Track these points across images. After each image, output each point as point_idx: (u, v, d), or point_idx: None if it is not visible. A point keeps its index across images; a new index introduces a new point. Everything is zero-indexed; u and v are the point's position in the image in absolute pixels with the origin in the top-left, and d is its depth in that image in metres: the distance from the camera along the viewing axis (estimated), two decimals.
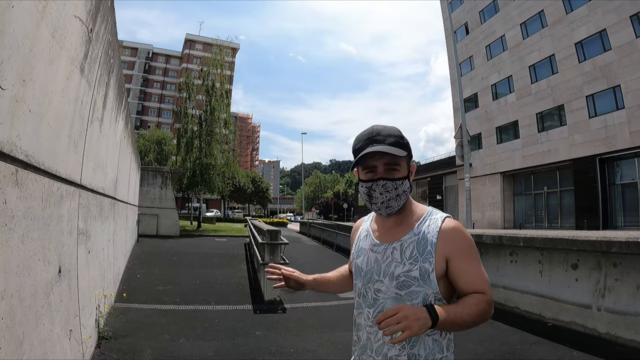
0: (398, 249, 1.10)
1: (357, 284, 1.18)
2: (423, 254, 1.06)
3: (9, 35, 1.17)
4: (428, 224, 1.11)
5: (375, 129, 1.10)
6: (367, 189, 1.10)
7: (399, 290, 1.06)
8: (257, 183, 47.29)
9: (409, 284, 1.05)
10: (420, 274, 1.05)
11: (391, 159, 1.06)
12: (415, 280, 1.05)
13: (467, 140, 11.60)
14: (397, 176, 1.08)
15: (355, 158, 1.09)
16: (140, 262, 8.24)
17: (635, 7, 14.64)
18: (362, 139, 1.09)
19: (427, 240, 1.07)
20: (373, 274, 1.12)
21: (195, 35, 63.72)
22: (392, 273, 1.08)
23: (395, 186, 1.07)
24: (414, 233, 1.10)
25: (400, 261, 1.08)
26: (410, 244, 1.09)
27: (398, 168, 1.08)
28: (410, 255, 1.07)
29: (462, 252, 1.08)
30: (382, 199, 1.08)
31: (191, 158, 20.14)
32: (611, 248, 3.60)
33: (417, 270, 1.05)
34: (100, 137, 3.24)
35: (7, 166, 1.24)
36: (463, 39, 24.73)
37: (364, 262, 1.16)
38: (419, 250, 1.07)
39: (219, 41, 22.55)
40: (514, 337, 3.94)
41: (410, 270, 1.06)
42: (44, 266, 1.71)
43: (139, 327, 3.98)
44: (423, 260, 1.06)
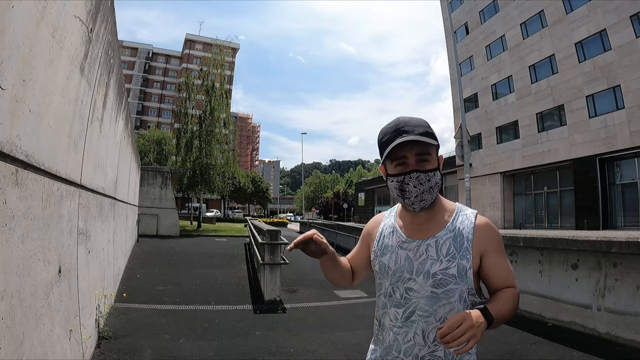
0: (433, 246, 1.06)
1: (384, 284, 1.13)
2: (460, 251, 1.03)
3: (9, 35, 1.17)
4: (461, 220, 1.08)
5: (402, 119, 1.05)
6: (399, 183, 1.04)
7: (435, 288, 1.03)
8: (257, 183, 47.29)
9: (446, 281, 1.02)
10: (458, 271, 1.02)
11: (422, 149, 1.02)
12: (452, 277, 1.02)
13: (467, 140, 11.59)
14: (429, 167, 1.03)
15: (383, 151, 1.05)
16: (140, 262, 8.24)
17: (635, 7, 14.64)
18: (389, 131, 1.04)
19: (463, 236, 1.05)
20: (404, 272, 1.07)
21: (195, 35, 63.74)
22: (428, 271, 1.04)
23: (428, 178, 1.03)
24: (448, 229, 1.07)
25: (436, 258, 1.04)
26: (446, 240, 1.05)
27: (429, 158, 1.03)
28: (447, 252, 1.04)
29: (496, 248, 1.07)
30: (416, 192, 1.03)
31: (191, 158, 20.14)
32: (611, 248, 3.60)
33: (455, 268, 1.02)
34: (100, 137, 3.24)
35: (7, 166, 1.25)
36: (463, 39, 24.73)
37: (392, 260, 1.11)
38: (455, 246, 1.04)
39: (219, 41, 22.56)
40: (514, 337, 3.94)
41: (448, 268, 1.02)
42: (44, 266, 1.71)
43: (139, 327, 3.97)
44: (461, 257, 1.03)
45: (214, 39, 23.33)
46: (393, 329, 1.08)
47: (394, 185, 1.06)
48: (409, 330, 1.05)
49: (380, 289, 1.15)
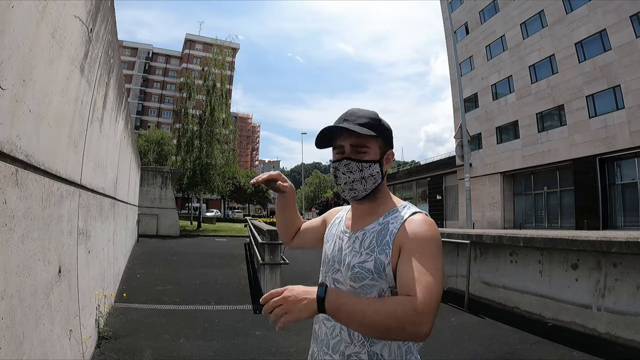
0: (360, 238, 1.03)
1: (322, 271, 1.12)
2: (380, 244, 0.97)
3: (9, 35, 1.17)
4: (395, 216, 1.01)
5: (350, 110, 1.05)
6: (334, 169, 1.05)
7: (353, 282, 0.98)
8: None
9: (362, 276, 0.96)
10: (375, 266, 0.95)
11: (358, 140, 1.00)
12: (369, 272, 0.95)
13: (467, 140, 11.60)
14: (366, 158, 1.01)
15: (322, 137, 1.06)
16: (140, 262, 8.24)
17: (635, 7, 14.63)
18: (337, 119, 1.05)
19: (388, 230, 0.98)
20: (335, 263, 1.06)
21: (195, 35, 63.72)
22: (349, 263, 1.00)
23: (360, 168, 1.00)
24: (378, 223, 1.02)
25: (358, 251, 1.01)
26: (371, 233, 1.01)
27: (366, 150, 1.01)
28: (368, 245, 0.99)
29: (415, 245, 0.91)
30: (345, 179, 1.02)
31: (191, 158, 20.15)
32: (611, 248, 3.60)
33: (372, 262, 0.96)
34: (100, 137, 3.24)
35: (7, 166, 1.24)
36: (463, 39, 24.72)
37: (330, 248, 1.11)
38: (377, 240, 0.98)
39: (219, 41, 22.56)
40: (514, 337, 3.94)
41: (365, 262, 0.97)
42: (44, 266, 1.71)
43: (139, 327, 3.97)
44: (379, 251, 0.96)
45: (214, 39, 23.32)
46: (324, 321, 1.04)
47: (332, 172, 1.06)
48: (335, 324, 1.00)
49: (320, 277, 1.14)
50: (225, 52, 22.88)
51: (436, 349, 3.49)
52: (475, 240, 5.52)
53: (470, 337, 3.90)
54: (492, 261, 5.43)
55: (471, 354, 3.48)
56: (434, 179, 26.83)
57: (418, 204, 29.05)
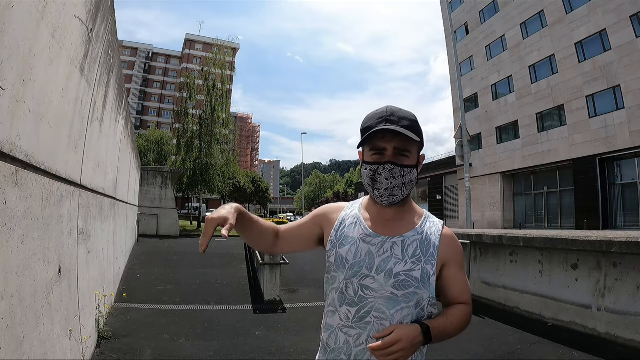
0: (399, 245, 0.99)
1: (338, 277, 1.03)
2: (426, 255, 0.99)
3: (9, 35, 1.17)
4: (429, 225, 1.04)
5: (390, 108, 0.99)
6: (371, 172, 0.98)
7: (395, 290, 0.96)
8: (257, 183, 47.27)
9: (408, 284, 0.96)
10: (422, 276, 0.97)
11: (402, 143, 0.96)
12: (415, 281, 0.96)
13: (467, 140, 11.60)
14: (407, 163, 0.97)
15: (363, 135, 0.99)
16: (140, 262, 8.24)
17: (635, 7, 14.63)
18: (375, 118, 0.99)
19: (430, 241, 1.01)
20: (362, 268, 0.99)
21: (195, 35, 63.73)
22: (391, 270, 0.97)
23: (402, 173, 0.96)
24: (417, 231, 1.02)
25: (401, 258, 0.98)
26: (413, 241, 1.00)
27: (408, 155, 0.98)
28: (413, 254, 0.98)
29: (458, 260, 1.04)
30: (387, 184, 0.97)
31: (191, 158, 20.16)
32: (611, 248, 3.60)
33: (420, 271, 0.97)
34: (100, 137, 3.24)
35: (7, 166, 1.24)
36: (463, 39, 24.72)
37: (351, 252, 1.01)
38: (422, 250, 0.99)
39: (219, 41, 22.57)
40: (514, 337, 3.94)
41: (412, 270, 0.97)
42: (44, 266, 1.71)
43: (139, 327, 3.97)
44: (426, 261, 0.98)
45: (214, 39, 23.32)
46: (343, 329, 0.99)
47: (367, 173, 1.00)
48: (362, 332, 0.96)
49: (332, 283, 1.05)
50: (225, 52, 22.87)
51: (436, 348, 3.48)
52: (475, 240, 5.51)
53: (470, 337, 3.89)
54: (492, 261, 5.43)
55: (471, 354, 3.48)
56: (434, 179, 26.82)
57: (418, 203, 28.96)
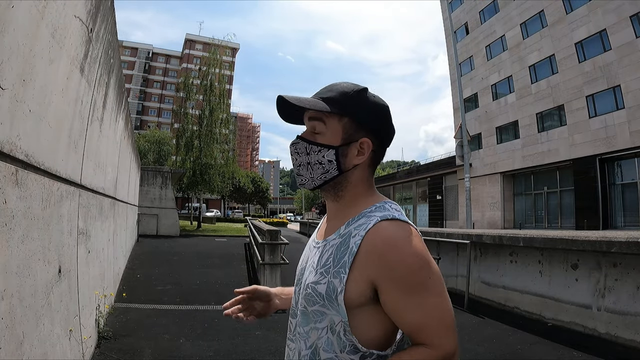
0: (319, 252, 0.82)
1: None
2: (337, 265, 0.75)
3: (9, 35, 1.17)
4: (359, 224, 0.76)
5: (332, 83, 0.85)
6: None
7: (306, 303, 0.79)
8: (257, 183, 47.28)
9: (313, 299, 0.77)
10: (327, 291, 0.74)
11: (311, 117, 0.80)
12: (320, 297, 0.75)
13: (467, 140, 11.61)
14: (320, 140, 0.79)
15: None
16: (140, 262, 8.24)
17: (635, 7, 14.63)
18: None
19: (348, 246, 0.75)
20: (300, 277, 0.87)
21: (195, 35, 63.74)
22: (306, 280, 0.81)
23: (307, 150, 0.79)
24: (339, 234, 0.79)
25: (314, 267, 0.80)
26: (331, 247, 0.79)
27: (320, 129, 0.79)
28: (324, 263, 0.78)
29: (395, 279, 0.69)
30: (292, 161, 0.84)
31: (191, 158, 20.17)
32: (611, 248, 3.60)
33: (325, 285, 0.75)
34: (100, 137, 3.24)
35: (7, 166, 1.24)
36: (463, 39, 24.72)
37: (300, 260, 0.92)
38: (335, 258, 0.76)
39: (218, 41, 22.58)
40: (514, 337, 3.94)
41: (318, 282, 0.76)
42: (44, 266, 1.71)
43: (139, 327, 3.97)
44: (334, 273, 0.74)
45: (214, 39, 23.35)
46: (287, 342, 0.88)
47: None
48: (295, 346, 0.83)
49: None
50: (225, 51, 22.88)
51: None
52: (475, 240, 5.51)
53: (470, 337, 3.89)
54: (492, 261, 5.43)
55: (471, 353, 3.48)
56: (434, 179, 26.83)
57: (418, 204, 29.07)
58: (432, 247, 6.42)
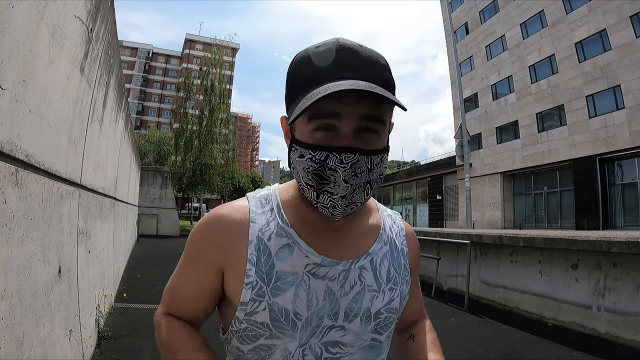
0: (369, 269, 0.65)
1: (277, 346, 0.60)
2: (400, 271, 0.70)
3: (9, 35, 1.17)
4: (389, 224, 0.73)
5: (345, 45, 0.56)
6: (317, 165, 0.55)
7: (378, 334, 0.65)
8: (257, 183, 47.24)
9: (391, 320, 0.67)
10: (400, 302, 0.69)
11: (373, 110, 0.55)
12: (396, 312, 0.68)
13: (467, 140, 11.61)
14: (376, 147, 0.57)
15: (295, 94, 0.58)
16: (140, 262, 8.24)
17: (635, 7, 14.63)
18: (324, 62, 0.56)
19: (398, 249, 0.72)
20: (323, 319, 0.61)
21: (195, 35, 63.73)
22: (368, 310, 0.63)
23: (370, 166, 0.56)
24: (382, 240, 0.69)
25: (377, 289, 0.65)
26: (383, 257, 0.68)
27: (379, 129, 0.57)
28: (387, 276, 0.67)
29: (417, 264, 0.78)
30: (345, 189, 0.55)
31: (191, 158, 20.19)
32: (611, 248, 3.60)
33: (399, 298, 0.68)
34: (100, 137, 3.24)
35: (7, 166, 1.24)
36: (463, 39, 24.73)
37: (302, 301, 0.60)
38: (394, 266, 0.69)
39: (218, 41, 22.60)
40: (514, 337, 3.94)
41: (392, 300, 0.66)
42: (44, 266, 1.71)
43: (139, 327, 3.97)
44: (402, 280, 0.70)
45: (214, 39, 23.37)
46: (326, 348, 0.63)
47: (306, 166, 0.56)
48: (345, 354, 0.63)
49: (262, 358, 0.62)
50: (225, 51, 22.90)
51: None
52: (475, 240, 5.52)
53: (470, 337, 3.89)
54: (492, 261, 5.43)
55: (471, 354, 3.48)
56: (434, 179, 26.82)
57: (418, 204, 29.07)
58: (432, 247, 6.43)
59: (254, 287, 0.60)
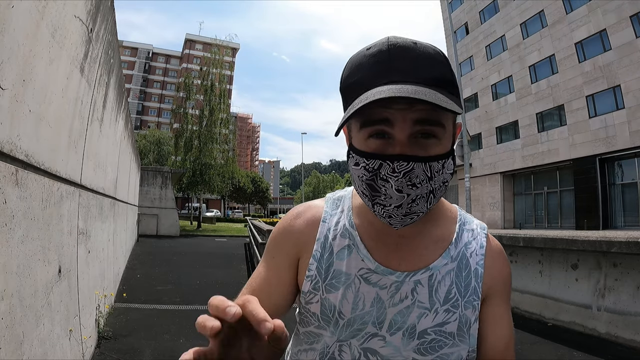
0: (425, 285, 0.62)
1: (322, 335, 0.65)
2: (467, 295, 0.62)
3: (9, 35, 1.17)
4: (467, 239, 0.66)
5: (396, 45, 0.53)
6: (369, 173, 0.54)
7: (419, 355, 0.61)
8: (257, 183, 47.29)
9: (440, 344, 0.61)
10: (459, 328, 0.61)
11: (428, 113, 0.52)
12: (450, 338, 0.61)
13: (467, 140, 11.61)
14: (436, 152, 0.53)
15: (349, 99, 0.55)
16: (140, 262, 8.24)
17: (635, 7, 14.64)
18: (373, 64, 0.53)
19: (471, 269, 0.64)
20: (367, 324, 0.62)
21: (195, 35, 63.74)
22: (413, 327, 0.61)
23: (429, 174, 0.53)
24: (450, 256, 0.64)
25: (429, 307, 0.61)
26: (446, 275, 0.63)
27: (440, 134, 0.54)
28: (446, 297, 0.62)
29: (506, 292, 0.67)
30: (399, 198, 0.53)
31: (191, 158, 20.19)
32: (611, 248, 3.60)
33: (456, 322, 0.61)
34: (100, 137, 3.24)
35: (7, 166, 1.24)
36: (463, 39, 24.74)
37: (348, 301, 0.62)
38: (459, 286, 0.62)
39: (218, 41, 22.61)
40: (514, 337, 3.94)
41: (446, 323, 0.61)
42: (44, 266, 1.71)
43: (139, 327, 3.97)
44: (466, 304, 0.62)
45: (214, 39, 23.37)
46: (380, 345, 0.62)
47: (361, 175, 0.55)
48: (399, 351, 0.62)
49: (311, 342, 0.67)
50: (224, 51, 22.90)
51: None
52: None
53: None
54: None
55: None
56: None
57: None
58: None
59: (313, 280, 0.65)
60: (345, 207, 0.69)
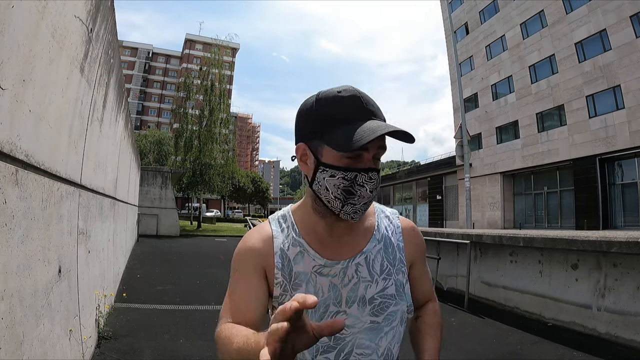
0: (364, 264, 0.83)
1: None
2: (395, 265, 0.86)
3: (9, 35, 1.17)
4: (386, 224, 0.90)
5: (360, 92, 0.76)
6: (347, 182, 0.74)
7: (375, 317, 0.82)
8: (257, 183, 47.26)
9: (386, 305, 0.83)
10: (397, 289, 0.84)
11: (384, 142, 0.76)
12: (392, 298, 0.84)
13: (467, 140, 11.60)
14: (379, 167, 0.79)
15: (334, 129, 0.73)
16: (140, 262, 8.24)
17: (635, 7, 14.63)
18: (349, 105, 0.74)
19: (394, 245, 0.88)
20: (329, 306, 0.81)
21: (195, 35, 63.70)
22: (363, 297, 0.82)
23: (378, 182, 0.78)
24: (376, 239, 0.86)
25: (371, 279, 0.83)
26: (377, 254, 0.85)
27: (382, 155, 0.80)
28: (381, 269, 0.84)
29: (423, 255, 0.94)
30: (368, 197, 0.76)
31: (191, 158, 20.18)
32: (611, 248, 3.60)
33: (393, 286, 0.84)
34: (100, 137, 3.24)
35: (7, 166, 1.24)
36: (463, 39, 24.73)
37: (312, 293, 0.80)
38: (389, 260, 0.86)
39: (219, 41, 22.59)
40: (514, 337, 3.94)
41: (385, 288, 0.83)
42: (44, 266, 1.71)
43: (139, 327, 3.97)
44: (396, 271, 0.86)
45: (214, 39, 23.35)
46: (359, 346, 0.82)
47: (338, 183, 0.74)
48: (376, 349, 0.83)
49: None
50: (224, 51, 22.88)
51: None
52: (475, 240, 5.51)
53: (470, 337, 3.90)
54: (492, 261, 5.43)
55: (471, 354, 3.48)
56: (434, 179, 26.82)
57: (418, 204, 29.07)
58: (432, 247, 6.43)
59: (282, 285, 0.82)
60: (289, 222, 0.87)
